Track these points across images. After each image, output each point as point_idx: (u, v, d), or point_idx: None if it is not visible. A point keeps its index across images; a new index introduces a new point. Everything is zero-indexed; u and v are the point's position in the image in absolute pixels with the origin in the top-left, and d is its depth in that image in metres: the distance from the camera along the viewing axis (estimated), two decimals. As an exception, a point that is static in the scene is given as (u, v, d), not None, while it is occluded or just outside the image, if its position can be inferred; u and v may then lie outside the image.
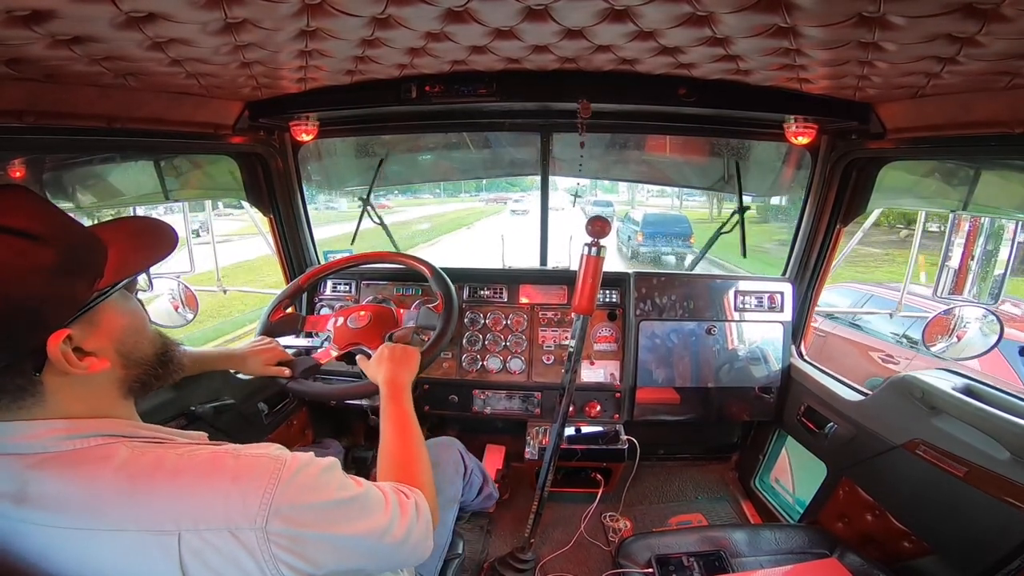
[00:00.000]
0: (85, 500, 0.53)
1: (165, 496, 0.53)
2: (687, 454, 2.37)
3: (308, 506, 0.59)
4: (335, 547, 0.61)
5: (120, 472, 0.54)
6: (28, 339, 0.52)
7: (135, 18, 0.76)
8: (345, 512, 0.64)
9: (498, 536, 1.91)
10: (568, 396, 1.49)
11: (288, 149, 1.93)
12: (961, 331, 1.68)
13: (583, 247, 1.40)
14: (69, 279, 0.54)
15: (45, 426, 0.55)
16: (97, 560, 0.52)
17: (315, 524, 0.59)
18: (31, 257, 0.51)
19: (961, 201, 1.46)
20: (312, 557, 0.58)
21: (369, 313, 1.42)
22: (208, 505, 0.54)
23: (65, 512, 0.52)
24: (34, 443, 0.54)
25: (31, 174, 1.32)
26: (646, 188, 21.36)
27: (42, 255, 0.52)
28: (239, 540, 0.53)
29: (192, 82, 1.20)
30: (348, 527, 0.63)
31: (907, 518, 1.39)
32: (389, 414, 1.01)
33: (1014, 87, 1.01)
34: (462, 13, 0.89)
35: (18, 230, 0.51)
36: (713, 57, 1.12)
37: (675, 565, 1.33)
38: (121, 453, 0.56)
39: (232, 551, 0.53)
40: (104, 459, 0.55)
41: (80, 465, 0.54)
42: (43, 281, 0.52)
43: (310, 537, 0.58)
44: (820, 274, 1.90)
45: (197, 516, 0.53)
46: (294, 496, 0.57)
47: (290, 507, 0.57)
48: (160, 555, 0.52)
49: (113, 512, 0.52)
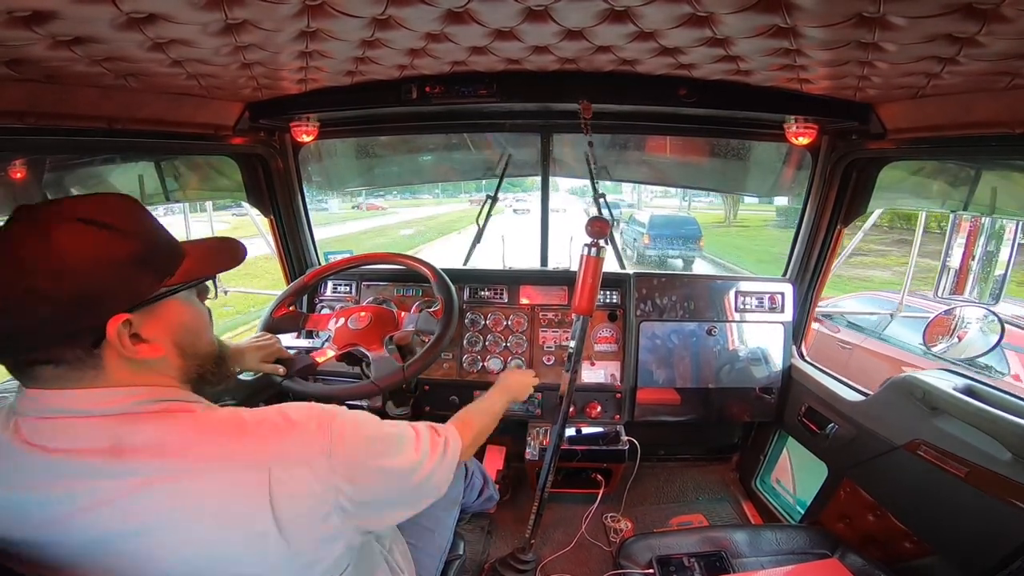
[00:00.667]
0: (182, 444, 0.59)
1: (254, 438, 0.62)
2: (688, 455, 2.36)
3: (359, 441, 0.69)
4: (378, 476, 0.71)
5: (207, 422, 0.63)
6: (90, 317, 0.58)
7: (136, 19, 0.76)
8: (386, 446, 0.75)
9: (499, 537, 1.91)
10: (568, 397, 1.48)
11: (288, 150, 1.93)
12: (962, 331, 1.68)
13: (583, 247, 1.39)
14: (138, 273, 0.62)
15: (128, 392, 0.62)
16: (194, 498, 0.58)
17: (365, 455, 0.69)
18: (109, 248, 0.60)
19: (962, 201, 1.46)
20: (363, 485, 0.68)
21: (370, 314, 1.42)
22: (290, 442, 0.63)
23: (163, 457, 0.58)
24: (122, 405, 0.61)
25: (32, 175, 1.32)
26: (649, 189, 21.38)
27: (119, 248, 0.60)
28: (313, 471, 0.63)
29: (193, 83, 1.20)
30: (388, 460, 0.74)
31: (908, 518, 1.39)
32: (488, 397, 1.30)
33: (1014, 87, 1.01)
34: (462, 14, 0.89)
35: (104, 223, 0.60)
36: (713, 58, 1.12)
37: (676, 566, 1.33)
38: (199, 410, 0.65)
39: (308, 481, 0.62)
40: (189, 412, 0.64)
41: (169, 417, 0.62)
42: (114, 271, 0.60)
43: (361, 467, 0.68)
44: (821, 274, 1.90)
45: (282, 453, 0.62)
46: (348, 435, 0.68)
47: (345, 443, 0.66)
48: (254, 486, 0.59)
49: (212, 450, 0.60)
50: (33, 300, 0.55)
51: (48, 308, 0.56)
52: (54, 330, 0.57)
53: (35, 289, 0.55)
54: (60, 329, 0.57)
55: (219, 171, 1.93)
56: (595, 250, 1.39)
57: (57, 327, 0.57)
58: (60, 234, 0.57)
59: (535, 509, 1.60)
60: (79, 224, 0.58)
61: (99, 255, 0.59)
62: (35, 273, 0.55)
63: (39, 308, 0.55)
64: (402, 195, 27.46)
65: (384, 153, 2.35)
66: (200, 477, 0.58)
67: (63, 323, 0.57)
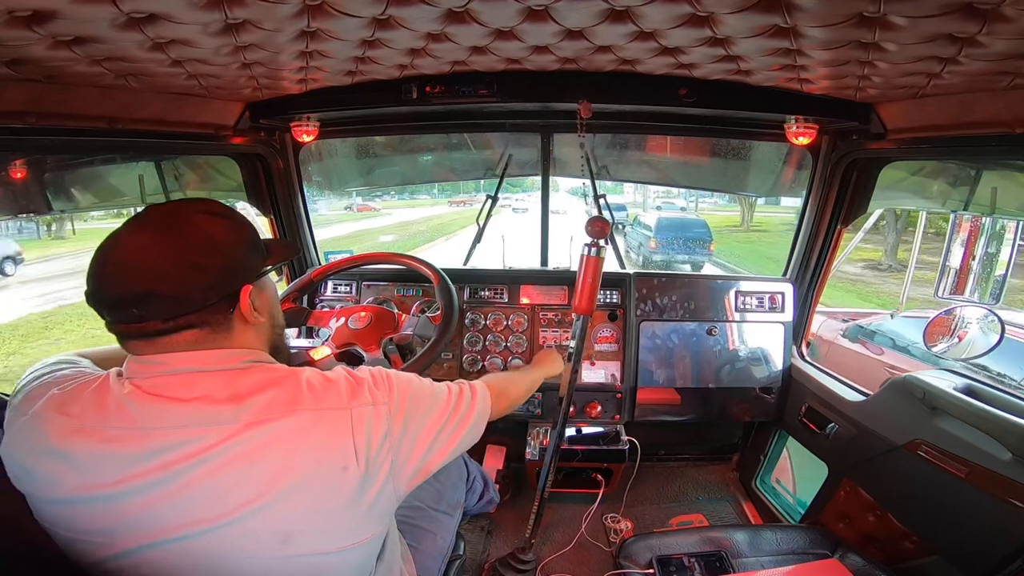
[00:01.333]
0: (286, 395, 0.70)
1: (335, 388, 0.73)
2: (688, 455, 2.37)
3: (408, 391, 0.80)
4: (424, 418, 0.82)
5: (299, 375, 0.73)
6: (231, 286, 0.73)
7: (136, 19, 0.76)
8: (429, 397, 0.85)
9: (499, 537, 1.91)
10: (568, 397, 1.48)
11: (289, 150, 1.93)
12: (962, 331, 1.68)
13: (583, 247, 1.39)
14: (256, 252, 0.79)
15: (237, 352, 0.74)
16: (297, 436, 0.68)
17: (413, 403, 0.80)
18: (236, 232, 0.76)
19: (962, 201, 1.46)
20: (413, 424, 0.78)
21: (370, 315, 1.42)
22: (360, 391, 0.74)
23: (272, 406, 0.68)
24: (234, 363, 0.72)
25: (33, 174, 1.32)
26: (653, 192, 21.27)
27: (241, 233, 0.77)
28: (378, 411, 0.74)
29: (193, 83, 1.20)
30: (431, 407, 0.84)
31: (908, 518, 1.39)
32: (530, 367, 1.42)
33: (1015, 87, 1.01)
34: (462, 14, 0.89)
35: (228, 215, 0.77)
36: (714, 57, 1.12)
37: (676, 566, 1.33)
38: (284, 368, 0.75)
39: (376, 419, 0.73)
40: (279, 368, 0.75)
41: (270, 372, 0.73)
42: (243, 249, 0.76)
43: (410, 411, 0.78)
44: (821, 274, 1.90)
45: (357, 398, 0.73)
46: (401, 386, 0.79)
47: (397, 393, 0.78)
48: (340, 425, 0.70)
49: (308, 399, 0.70)
50: (195, 271, 0.69)
51: (205, 276, 0.70)
52: (207, 295, 0.70)
53: (196, 262, 0.69)
54: (212, 294, 0.70)
55: (219, 171, 1.93)
56: (595, 250, 1.38)
57: (211, 292, 0.70)
58: (202, 221, 0.72)
59: (535, 509, 1.60)
60: (212, 216, 0.74)
61: (232, 238, 0.75)
62: (196, 248, 0.70)
63: (199, 277, 0.69)
64: (400, 195, 27.06)
65: (384, 153, 2.36)
66: (303, 416, 0.69)
67: (214, 288, 0.70)
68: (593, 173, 2.04)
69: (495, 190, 2.24)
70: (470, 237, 2.24)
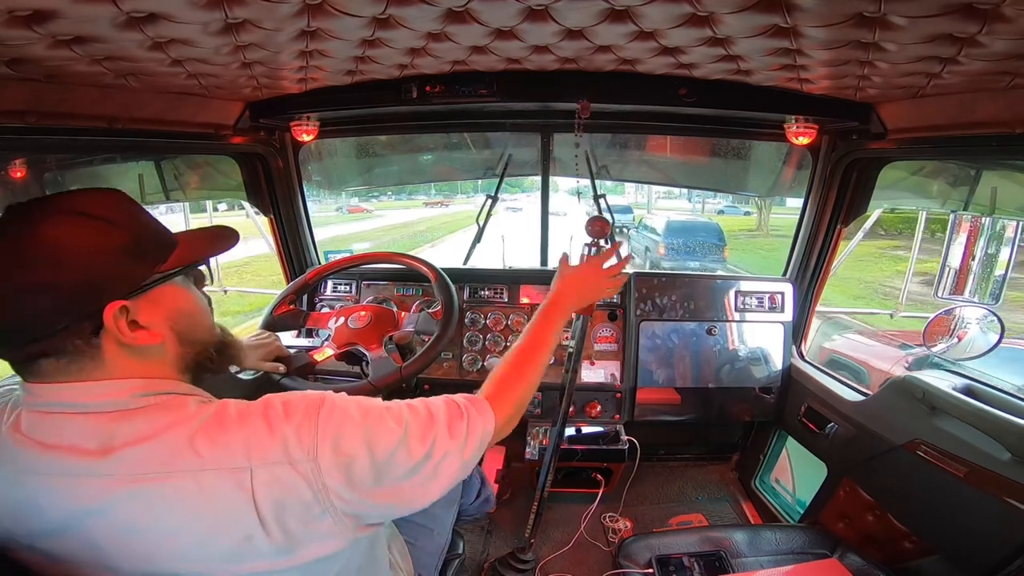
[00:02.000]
0: (166, 446, 0.58)
1: (238, 438, 0.60)
2: (688, 454, 2.37)
3: (351, 433, 0.64)
4: (376, 472, 0.65)
5: (194, 420, 0.61)
6: (88, 305, 0.59)
7: (136, 18, 0.76)
8: (386, 437, 0.67)
9: (498, 536, 1.91)
10: (568, 396, 1.48)
11: (289, 149, 1.93)
12: (962, 332, 1.68)
13: (583, 247, 1.37)
14: (131, 261, 0.63)
15: (123, 385, 0.61)
16: (178, 503, 0.57)
17: (359, 449, 0.64)
18: (101, 238, 0.61)
19: (962, 201, 1.46)
20: (357, 481, 0.63)
21: (370, 314, 1.42)
22: (271, 442, 0.60)
23: (148, 461, 0.58)
24: (117, 399, 0.61)
25: (32, 174, 1.32)
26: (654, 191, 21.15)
27: (111, 238, 0.62)
28: (297, 471, 0.60)
29: (193, 82, 1.20)
30: (388, 453, 0.66)
31: (908, 518, 1.39)
32: (532, 328, 1.02)
33: (1015, 87, 1.01)
34: (462, 13, 0.89)
35: (94, 215, 0.61)
36: (714, 57, 1.12)
37: (675, 565, 1.33)
38: (191, 405, 0.63)
39: (293, 481, 0.59)
40: (179, 409, 0.62)
41: (160, 414, 0.61)
42: (108, 259, 0.61)
43: (353, 463, 0.63)
44: (821, 274, 1.90)
45: (264, 453, 0.59)
46: (336, 425, 0.63)
47: (334, 436, 0.62)
48: (236, 489, 0.58)
49: (193, 454, 0.58)
50: (34, 290, 0.57)
51: (48, 298, 0.57)
52: (54, 320, 0.58)
53: (35, 280, 0.57)
54: (61, 319, 0.58)
55: (219, 170, 1.93)
56: (595, 250, 1.36)
57: (57, 317, 0.58)
58: (54, 226, 0.59)
59: (534, 509, 1.60)
60: (71, 217, 0.60)
61: (93, 244, 0.60)
62: (34, 263, 0.57)
63: (40, 298, 0.57)
64: (396, 196, 26.44)
65: (384, 152, 2.35)
66: (184, 478, 0.57)
67: (63, 312, 0.58)
68: (593, 173, 2.04)
69: (495, 190, 2.24)
70: (458, 242, 2.23)
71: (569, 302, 1.11)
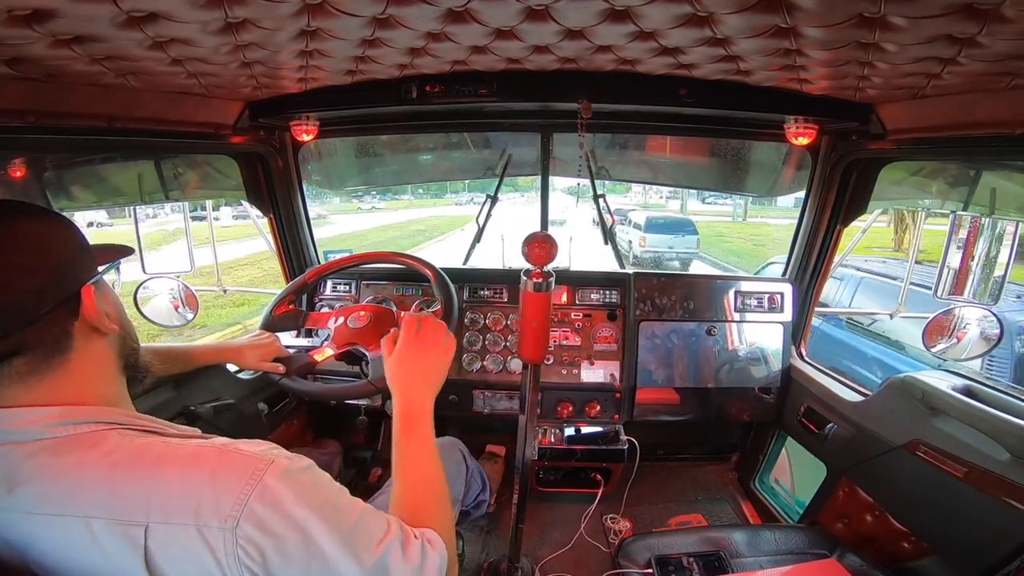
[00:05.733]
0: (67, 486, 0.55)
1: (142, 486, 0.54)
2: (687, 454, 2.37)
3: (286, 515, 0.55)
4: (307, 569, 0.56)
5: (104, 459, 0.56)
6: (68, 288, 0.62)
7: (136, 18, 0.76)
8: (330, 530, 0.58)
9: (497, 536, 1.91)
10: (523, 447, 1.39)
11: (288, 149, 1.93)
12: (961, 332, 1.68)
13: (521, 276, 1.08)
14: (86, 252, 0.67)
15: (39, 412, 0.58)
16: (67, 547, 0.54)
17: (290, 536, 0.55)
18: (63, 230, 0.65)
19: (961, 202, 1.46)
20: (277, 569, 0.55)
21: (369, 313, 1.42)
22: (180, 498, 0.54)
23: (47, 499, 0.54)
24: (31, 429, 0.57)
25: (32, 173, 1.32)
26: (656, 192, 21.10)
27: (68, 230, 0.65)
28: (204, 538, 0.53)
29: (193, 82, 1.20)
30: (328, 548, 0.57)
31: (907, 519, 1.39)
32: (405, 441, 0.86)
33: (1015, 88, 1.01)
34: (462, 13, 0.89)
35: (44, 214, 0.65)
36: (714, 58, 1.12)
37: (675, 566, 1.33)
38: (111, 440, 0.58)
39: (196, 548, 0.53)
40: (94, 445, 0.57)
41: (71, 452, 0.56)
42: (73, 248, 0.65)
43: (279, 551, 0.54)
44: (820, 274, 1.90)
45: (168, 508, 0.53)
46: (274, 500, 0.55)
47: (265, 511, 0.54)
48: (126, 544, 0.52)
49: (88, 500, 0.54)
50: (20, 271, 0.58)
51: (32, 278, 0.58)
52: (43, 301, 0.58)
53: (18, 262, 0.58)
54: (48, 300, 0.59)
55: (219, 170, 1.93)
56: (536, 282, 1.05)
57: (46, 298, 0.59)
58: (24, 221, 0.61)
59: (512, 522, 1.54)
60: (31, 215, 0.63)
61: (60, 235, 0.64)
62: (21, 250, 0.59)
63: (26, 279, 0.58)
64: (392, 196, 26.32)
65: (383, 152, 2.35)
66: (74, 524, 0.53)
67: (49, 293, 0.59)
68: (593, 173, 2.04)
69: (495, 190, 2.24)
70: (438, 251, 2.20)
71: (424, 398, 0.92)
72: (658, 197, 21.96)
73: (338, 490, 0.64)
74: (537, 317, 1.12)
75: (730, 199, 19.89)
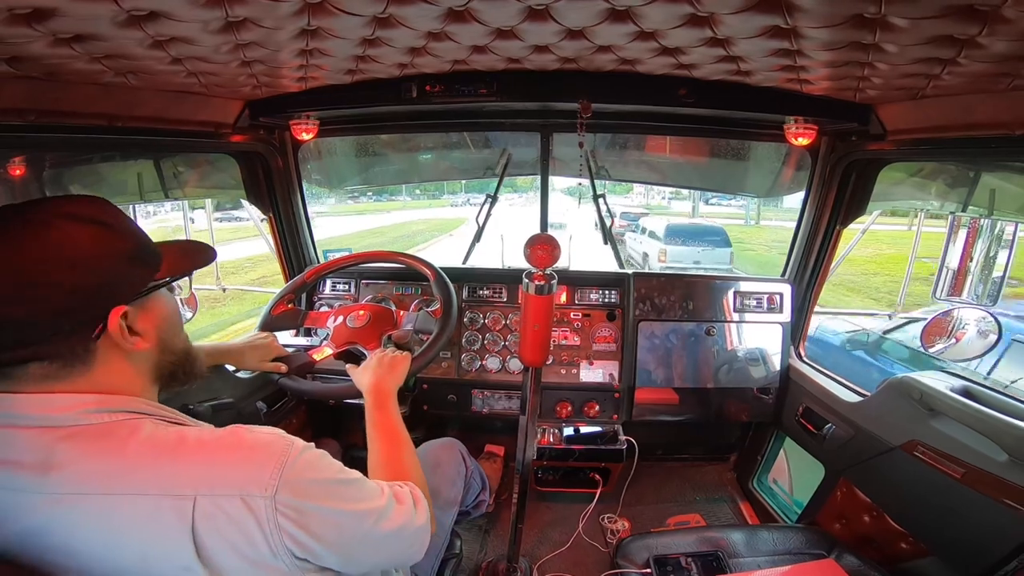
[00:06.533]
0: (110, 467, 0.57)
1: (186, 462, 0.58)
2: (686, 454, 2.37)
3: (313, 480, 0.64)
4: (336, 522, 0.65)
5: (146, 443, 0.59)
6: (97, 309, 0.60)
7: (136, 16, 0.76)
8: (345, 490, 0.69)
9: (496, 536, 1.91)
10: (524, 450, 1.43)
11: (288, 148, 1.93)
12: (960, 333, 1.68)
13: (523, 278, 1.11)
14: (135, 267, 0.65)
15: (75, 399, 0.59)
16: (115, 525, 0.56)
17: (319, 497, 0.64)
18: (110, 243, 0.62)
19: (960, 202, 1.46)
20: (315, 530, 0.62)
21: (368, 313, 1.42)
22: (226, 471, 0.58)
23: (89, 480, 0.56)
24: (66, 415, 0.58)
25: (31, 172, 1.32)
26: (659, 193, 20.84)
27: (119, 242, 0.63)
28: (249, 507, 0.58)
29: (193, 80, 1.20)
30: (348, 504, 0.68)
31: (905, 519, 1.40)
32: (376, 422, 1.04)
33: (1015, 89, 1.01)
34: (463, 13, 0.89)
35: (100, 220, 0.62)
36: (714, 58, 1.12)
37: (673, 565, 1.33)
38: (146, 427, 0.61)
39: (242, 517, 0.57)
40: (131, 432, 0.60)
41: (108, 437, 0.59)
42: (117, 263, 0.63)
43: (313, 509, 0.62)
44: (819, 275, 1.90)
45: (214, 481, 0.57)
46: (301, 471, 0.62)
47: (297, 480, 0.61)
48: (174, 518, 0.55)
49: (136, 477, 0.56)
50: (44, 289, 0.56)
51: (56, 299, 0.57)
52: (60, 322, 0.57)
53: (45, 280, 0.56)
54: (67, 321, 0.58)
55: (219, 169, 1.93)
56: (538, 285, 1.07)
57: (65, 319, 0.58)
58: (65, 228, 0.59)
59: (512, 520, 1.56)
60: (77, 221, 0.60)
61: (103, 249, 0.61)
62: (48, 263, 0.57)
63: (49, 298, 0.56)
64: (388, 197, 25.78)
65: (383, 152, 2.35)
66: (121, 502, 0.56)
67: (72, 314, 0.58)
68: (592, 173, 2.04)
69: (495, 189, 2.24)
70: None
71: (385, 386, 1.13)
72: (660, 198, 21.79)
73: (339, 465, 0.71)
74: (539, 319, 1.14)
75: (733, 200, 19.43)
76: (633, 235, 11.52)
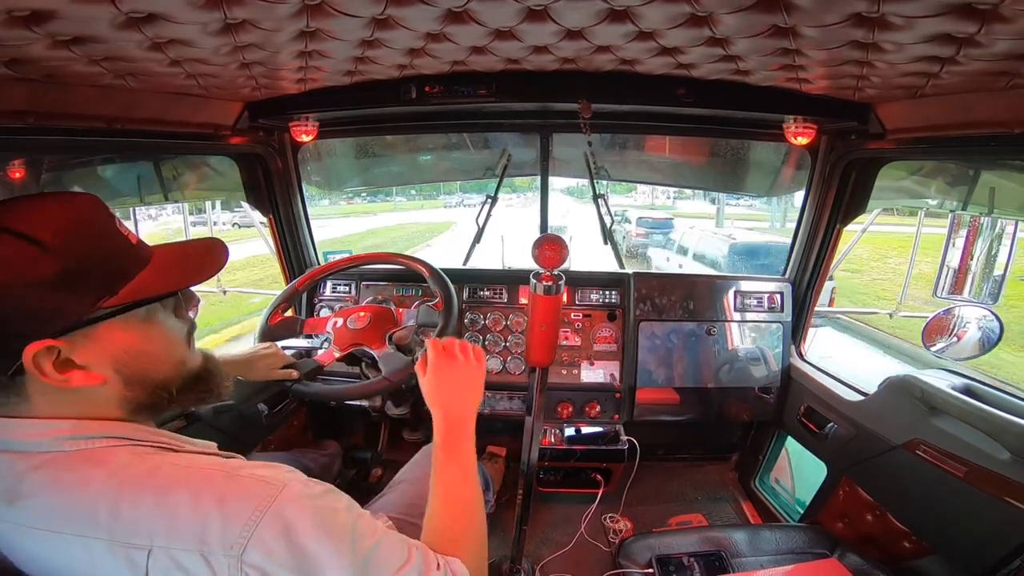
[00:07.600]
0: (71, 502, 0.52)
1: (147, 509, 0.52)
2: (687, 454, 2.37)
3: (302, 534, 0.53)
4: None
5: (111, 479, 0.53)
6: (8, 343, 0.52)
7: (135, 19, 0.76)
8: (338, 563, 0.54)
9: (497, 536, 1.91)
10: (529, 448, 1.43)
11: (288, 150, 1.93)
12: (961, 331, 1.68)
13: (531, 279, 1.10)
14: (64, 294, 0.53)
15: (49, 425, 0.55)
16: (70, 565, 0.52)
17: (298, 566, 0.53)
18: (29, 266, 0.51)
19: (960, 201, 1.46)
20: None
21: (369, 314, 1.42)
22: (186, 523, 0.51)
23: (47, 516, 0.52)
24: (40, 441, 0.55)
25: (31, 174, 1.32)
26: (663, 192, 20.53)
27: (42, 266, 0.52)
28: (209, 565, 0.51)
29: (192, 82, 1.20)
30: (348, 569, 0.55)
31: (907, 518, 1.39)
32: (443, 460, 0.81)
33: (1014, 87, 1.01)
34: (462, 14, 0.89)
35: (29, 236, 0.51)
36: (713, 57, 1.12)
37: (675, 565, 1.33)
38: (121, 457, 0.56)
39: (199, 574, 0.51)
40: (101, 463, 0.55)
41: (78, 468, 0.54)
42: (34, 292, 0.52)
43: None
44: (820, 274, 1.90)
45: (172, 533, 0.51)
46: (288, 522, 0.53)
47: (277, 537, 0.52)
48: (126, 568, 0.51)
49: (93, 518, 0.52)
50: None
51: None
52: None
53: None
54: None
55: (218, 171, 1.93)
56: (547, 285, 1.07)
57: None
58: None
59: (517, 518, 1.56)
60: (6, 234, 0.51)
61: (14, 275, 0.51)
62: None
63: None
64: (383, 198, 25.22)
65: (383, 153, 2.35)
66: (73, 543, 0.52)
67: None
68: (592, 173, 2.04)
69: (495, 190, 2.24)
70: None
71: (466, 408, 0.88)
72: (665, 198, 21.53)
73: (356, 516, 0.60)
74: (547, 320, 1.13)
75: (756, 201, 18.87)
76: (663, 252, 8.71)
